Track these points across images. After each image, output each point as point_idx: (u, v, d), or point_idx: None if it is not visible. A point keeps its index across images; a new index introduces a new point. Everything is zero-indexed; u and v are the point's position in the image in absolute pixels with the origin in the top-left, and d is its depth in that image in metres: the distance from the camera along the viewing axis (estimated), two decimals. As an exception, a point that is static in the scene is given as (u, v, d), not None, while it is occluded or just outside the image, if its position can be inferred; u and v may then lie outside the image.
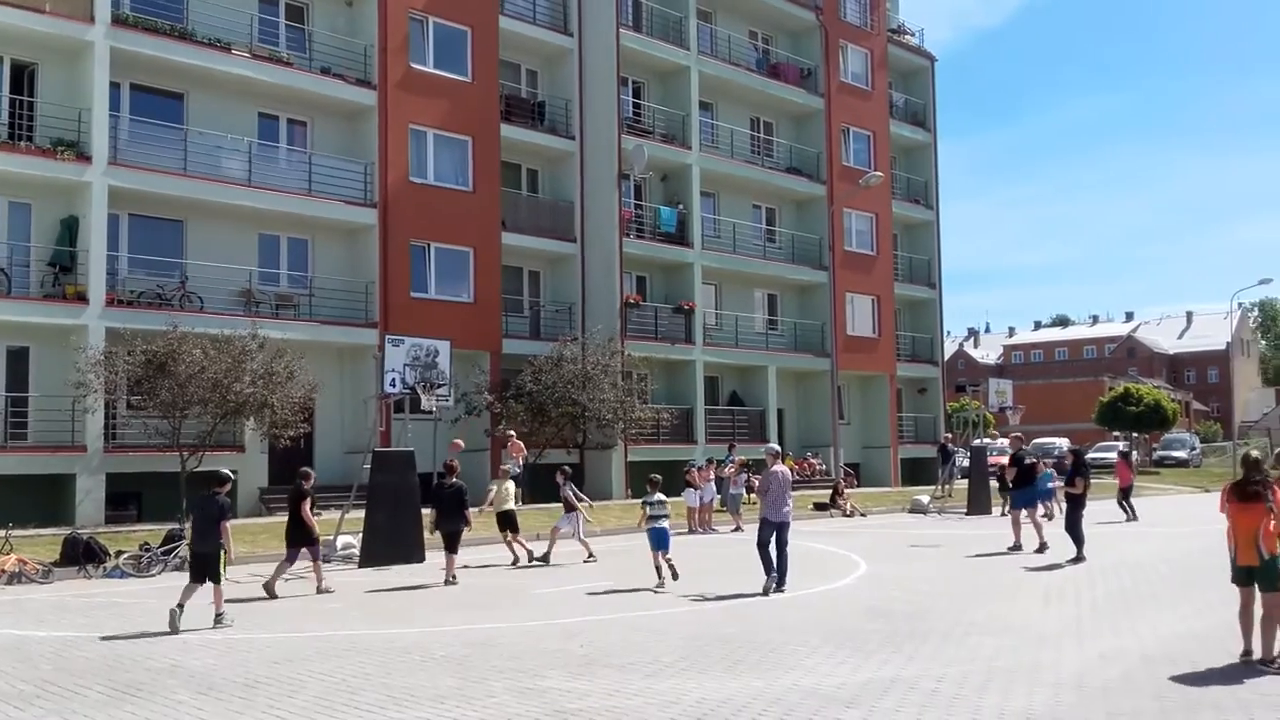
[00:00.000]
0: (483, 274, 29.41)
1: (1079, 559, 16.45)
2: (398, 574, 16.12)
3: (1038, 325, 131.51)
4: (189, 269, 25.18)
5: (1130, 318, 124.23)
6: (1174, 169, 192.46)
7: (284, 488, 24.69)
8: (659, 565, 14.40)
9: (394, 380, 19.68)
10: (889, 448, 39.79)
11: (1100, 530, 20.93)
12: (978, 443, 29.85)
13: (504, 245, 30.18)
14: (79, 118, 23.28)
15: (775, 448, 15.10)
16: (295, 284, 27.26)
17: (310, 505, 14.44)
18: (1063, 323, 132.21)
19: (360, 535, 17.58)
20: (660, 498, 14.83)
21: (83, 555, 16.32)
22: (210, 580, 11.62)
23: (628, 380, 29.69)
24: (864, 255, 39.62)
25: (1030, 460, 20.36)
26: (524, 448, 25.04)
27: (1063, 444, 40.38)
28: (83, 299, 22.79)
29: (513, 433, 25.13)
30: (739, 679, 8.59)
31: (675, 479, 30.64)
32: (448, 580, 14.94)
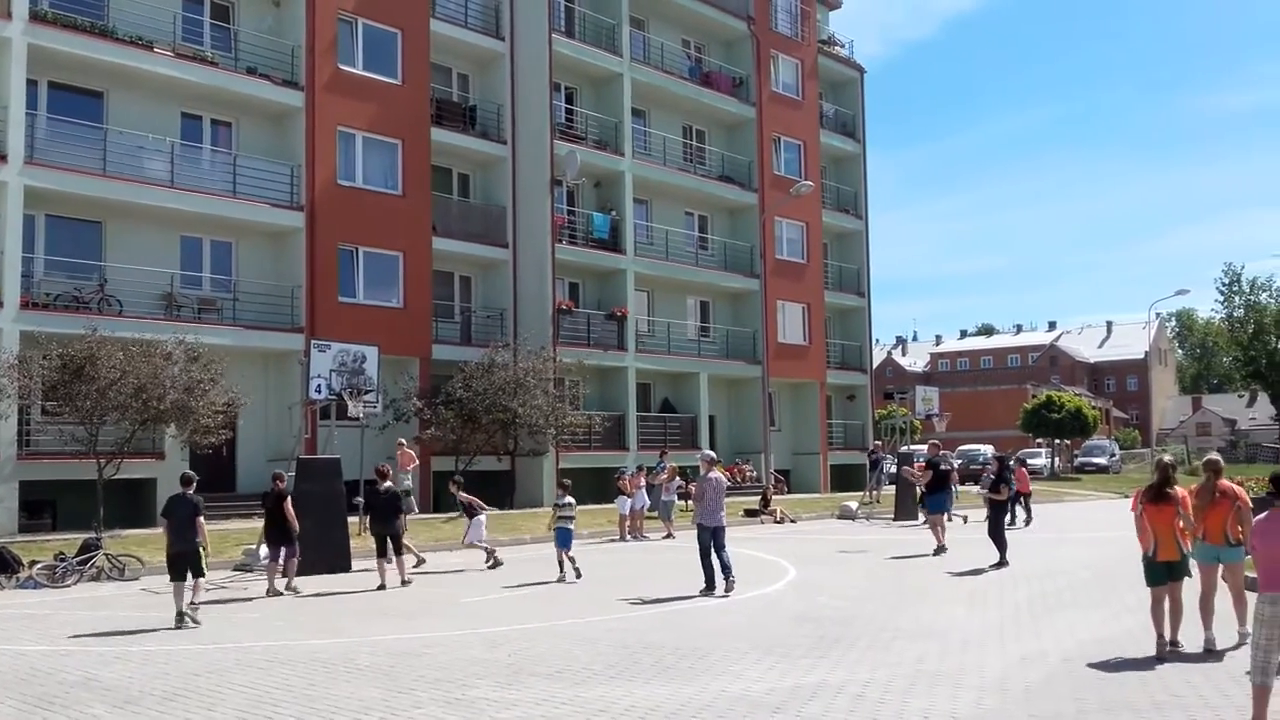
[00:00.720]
0: (412, 279, 29.13)
1: (1002, 564, 16.73)
2: (324, 583, 15.86)
3: (964, 334, 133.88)
4: (108, 271, 24.59)
5: (1053, 327, 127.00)
6: (1094, 183, 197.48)
7: (205, 496, 24.23)
8: (562, 561, 15.92)
9: (320, 386, 19.43)
10: (819, 454, 40.16)
11: (1019, 537, 21.35)
12: (905, 449, 30.25)
13: (435, 250, 29.93)
14: (-7, 115, 22.64)
15: (710, 454, 15.38)
16: (219, 288, 26.76)
17: (290, 505, 15.21)
18: (988, 332, 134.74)
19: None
20: (570, 500, 16.31)
21: (-6, 565, 15.83)
22: (193, 575, 12.39)
23: (560, 387, 29.59)
24: (795, 264, 40.00)
25: (945, 467, 21.19)
26: (415, 458, 24.58)
27: (988, 451, 41.06)
28: (-4, 302, 22.13)
29: (403, 441, 24.61)
30: (668, 686, 8.58)
31: (607, 486, 30.65)
32: (403, 581, 15.56)
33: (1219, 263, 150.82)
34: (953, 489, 23.76)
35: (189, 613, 12.08)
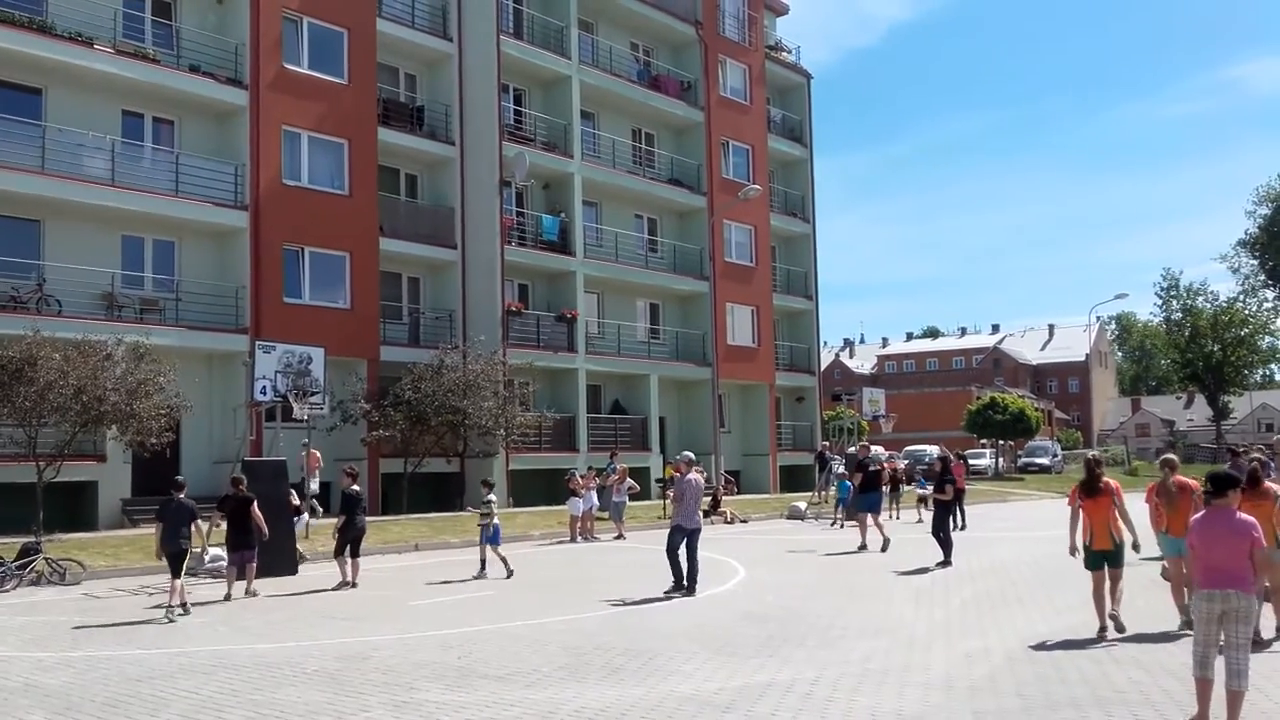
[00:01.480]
0: (360, 280, 28.88)
1: (946, 563, 16.94)
2: (269, 587, 15.65)
3: (910, 336, 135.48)
4: (47, 271, 24.12)
5: (996, 330, 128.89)
6: (1033, 189, 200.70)
7: (148, 498, 23.88)
8: (485, 559, 16.44)
9: (265, 388, 19.22)
10: (768, 455, 40.38)
11: (961, 537, 21.64)
12: (852, 450, 30.47)
13: (382, 251, 29.69)
14: (-73, 111, 22.13)
15: (690, 456, 15.26)
16: (161, 287, 26.34)
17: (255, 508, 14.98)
18: (933, 334, 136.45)
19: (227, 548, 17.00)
20: (493, 498, 16.85)
21: (-72, 572, 15.45)
22: (173, 575, 12.77)
23: (510, 388, 29.47)
24: (743, 266, 40.21)
25: (874, 467, 22.12)
26: (320, 459, 23.72)
27: (934, 451, 41.54)
28: (-71, 302, 21.62)
29: (306, 443, 23.34)
30: (617, 687, 8.58)
31: (557, 487, 30.57)
32: (352, 584, 15.51)
33: (1156, 268, 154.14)
34: (890, 489, 25.19)
35: (174, 606, 12.62)
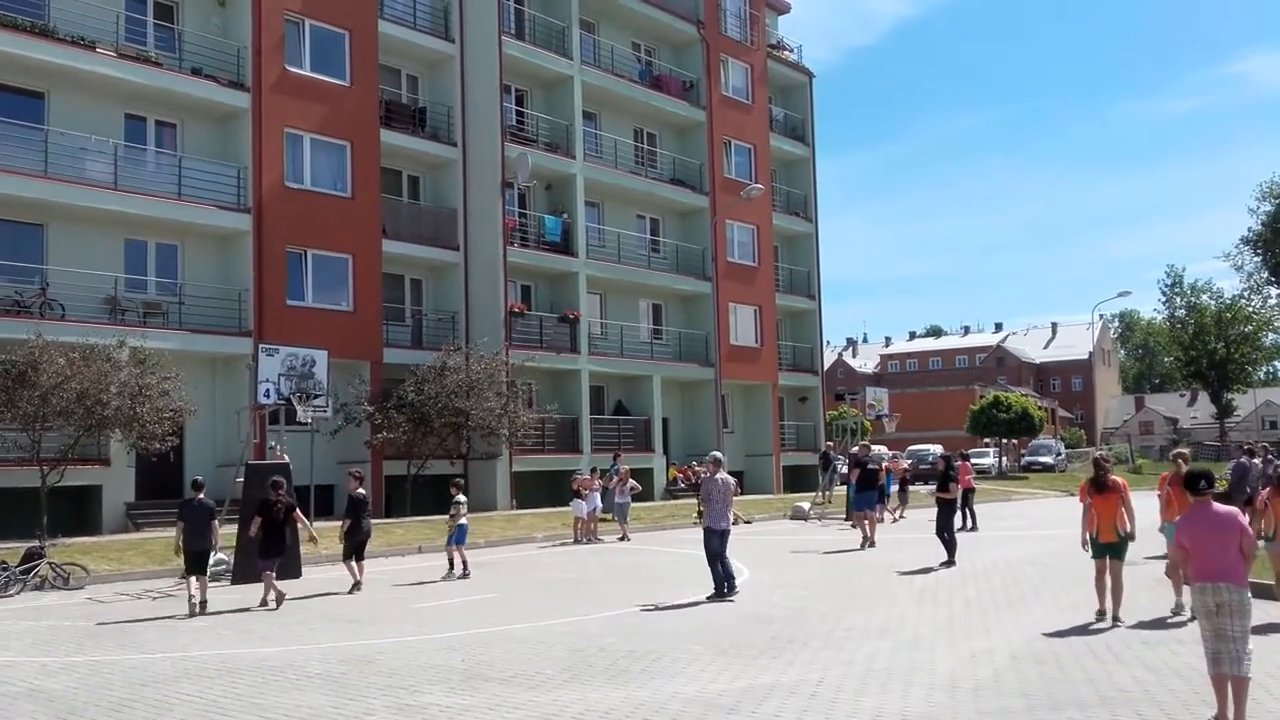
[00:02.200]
0: (362, 282, 28.88)
1: (950, 563, 16.92)
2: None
3: (912, 335, 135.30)
4: (50, 275, 24.10)
5: (999, 328, 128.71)
6: (1036, 187, 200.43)
7: (152, 502, 23.94)
8: (453, 558, 16.72)
9: (268, 391, 19.21)
10: (771, 455, 40.35)
11: (965, 537, 21.61)
12: (854, 450, 30.44)
13: (385, 253, 29.69)
14: (-70, 115, 22.16)
15: (719, 455, 14.83)
16: (164, 291, 26.34)
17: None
18: (936, 333, 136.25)
19: (233, 551, 17.01)
20: (462, 499, 17.07)
21: (-68, 576, 15.47)
22: (197, 573, 13.58)
23: (512, 389, 29.46)
24: (746, 266, 40.18)
25: (873, 466, 22.54)
26: (288, 462, 23.69)
27: (937, 451, 41.51)
28: (-67, 306, 21.64)
29: (275, 446, 23.63)
30: (622, 689, 8.57)
31: (560, 489, 30.56)
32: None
33: (1160, 265, 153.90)
34: (889, 488, 25.78)
35: (200, 602, 13.44)
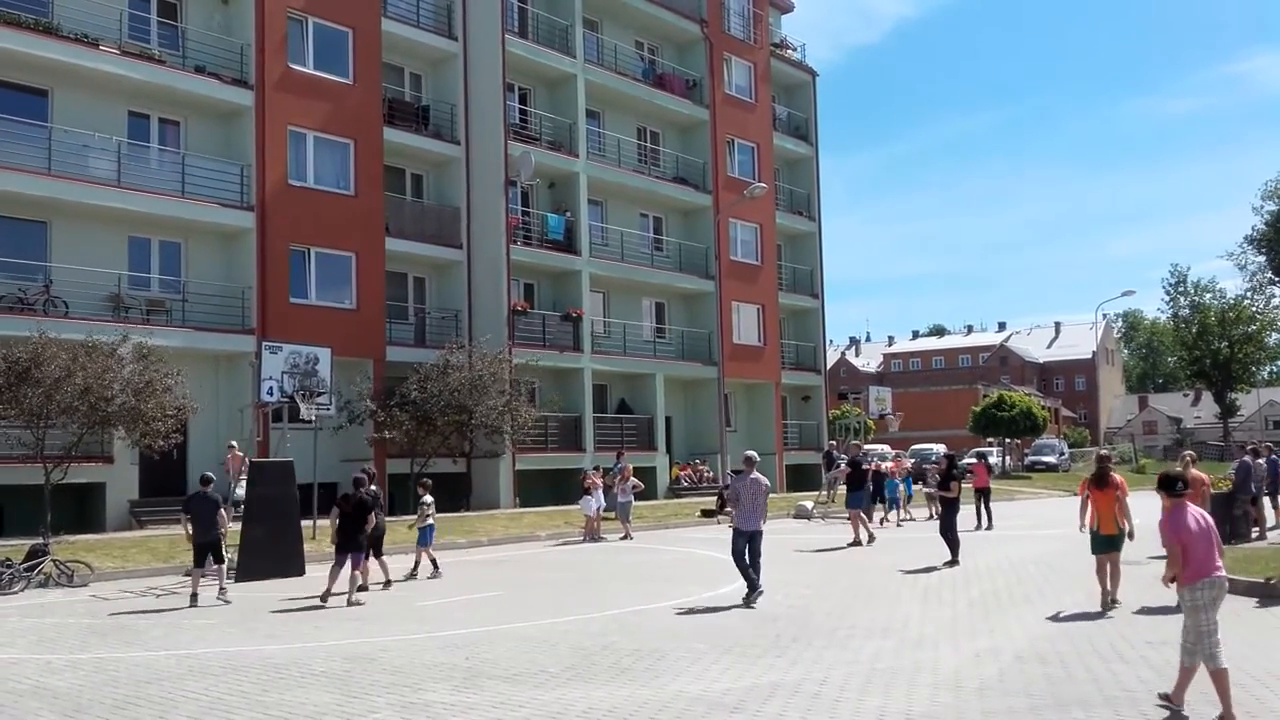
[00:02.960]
0: (365, 280, 28.89)
1: (954, 562, 16.91)
2: (276, 588, 15.67)
3: (916, 334, 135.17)
4: (54, 272, 24.14)
5: (1002, 328, 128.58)
6: (1038, 187, 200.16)
7: (156, 500, 23.96)
8: (420, 559, 16.64)
9: (272, 388, 19.21)
10: (774, 454, 40.30)
11: (969, 536, 21.59)
12: (862, 449, 30.40)
13: (388, 251, 29.70)
14: (-66, 113, 22.16)
15: (752, 455, 14.23)
16: (167, 288, 26.37)
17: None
18: (939, 332, 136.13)
19: (237, 549, 17.02)
20: (429, 499, 16.97)
21: (-63, 573, 15.46)
22: (215, 560, 14.25)
23: (515, 387, 29.45)
24: (749, 265, 40.17)
25: (865, 466, 23.09)
26: (244, 458, 22.46)
27: (940, 450, 41.48)
28: (-63, 303, 21.65)
29: (233, 444, 22.93)
30: (626, 688, 8.57)
31: (563, 487, 30.59)
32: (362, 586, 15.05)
33: (1163, 264, 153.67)
34: (895, 490, 26.68)
35: (222, 594, 14.09)
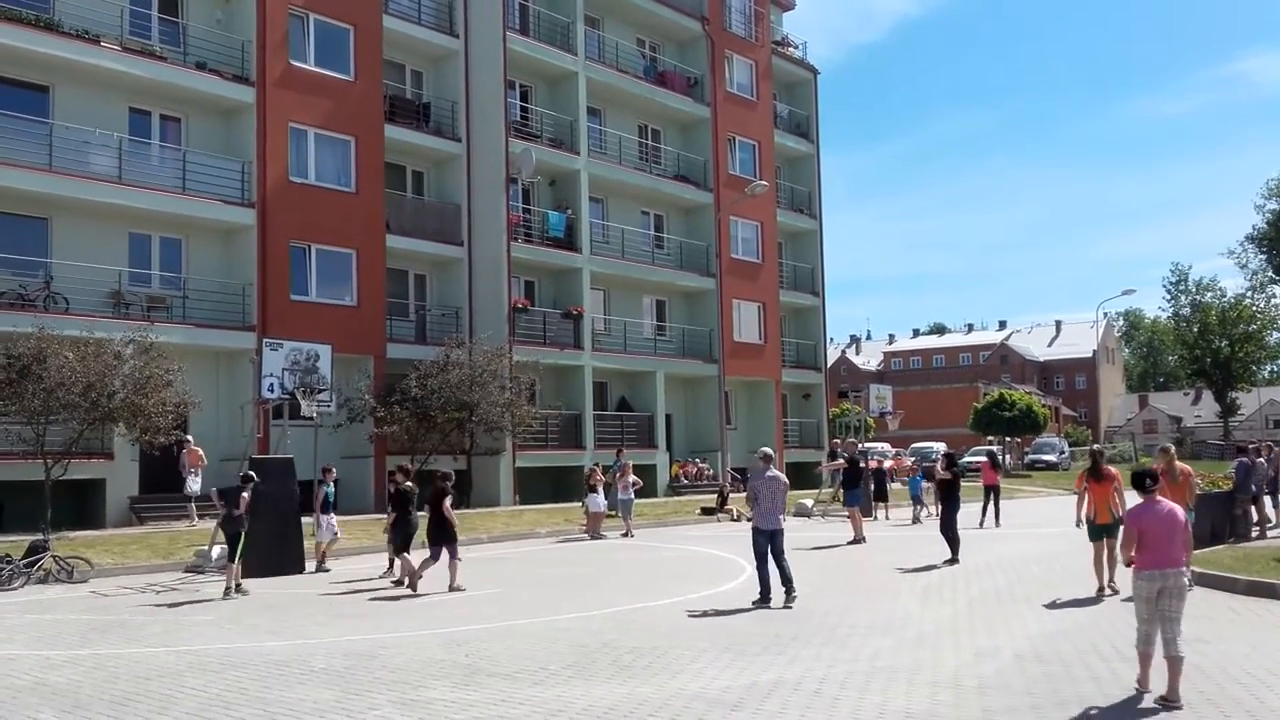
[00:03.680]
0: (366, 277, 28.88)
1: (954, 560, 16.89)
2: (276, 585, 15.67)
3: (916, 333, 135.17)
4: (54, 269, 24.14)
5: (1003, 326, 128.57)
6: (1039, 186, 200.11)
7: (156, 496, 23.96)
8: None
9: (272, 385, 19.17)
10: (775, 452, 40.25)
11: (970, 534, 21.57)
12: (859, 447, 30.43)
13: (389, 248, 29.69)
14: (-66, 109, 22.15)
15: (768, 451, 14.07)
16: (168, 285, 26.36)
17: (451, 503, 14.73)
18: (940, 331, 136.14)
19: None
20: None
21: (-63, 569, 15.47)
22: (229, 559, 14.57)
23: (516, 383, 29.45)
24: (750, 263, 40.14)
25: (862, 464, 23.63)
26: (203, 456, 23.08)
27: (940, 448, 41.48)
28: (-62, 299, 21.64)
29: (189, 439, 22.97)
30: (625, 685, 8.57)
31: (564, 485, 30.61)
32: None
33: (1164, 263, 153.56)
34: (918, 487, 26.81)
35: (233, 588, 14.34)
